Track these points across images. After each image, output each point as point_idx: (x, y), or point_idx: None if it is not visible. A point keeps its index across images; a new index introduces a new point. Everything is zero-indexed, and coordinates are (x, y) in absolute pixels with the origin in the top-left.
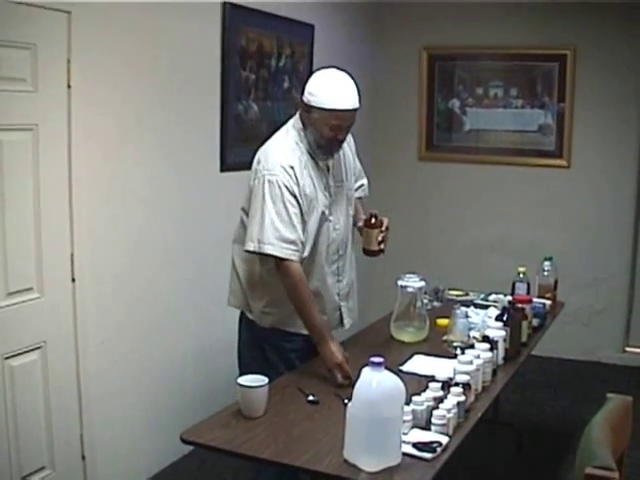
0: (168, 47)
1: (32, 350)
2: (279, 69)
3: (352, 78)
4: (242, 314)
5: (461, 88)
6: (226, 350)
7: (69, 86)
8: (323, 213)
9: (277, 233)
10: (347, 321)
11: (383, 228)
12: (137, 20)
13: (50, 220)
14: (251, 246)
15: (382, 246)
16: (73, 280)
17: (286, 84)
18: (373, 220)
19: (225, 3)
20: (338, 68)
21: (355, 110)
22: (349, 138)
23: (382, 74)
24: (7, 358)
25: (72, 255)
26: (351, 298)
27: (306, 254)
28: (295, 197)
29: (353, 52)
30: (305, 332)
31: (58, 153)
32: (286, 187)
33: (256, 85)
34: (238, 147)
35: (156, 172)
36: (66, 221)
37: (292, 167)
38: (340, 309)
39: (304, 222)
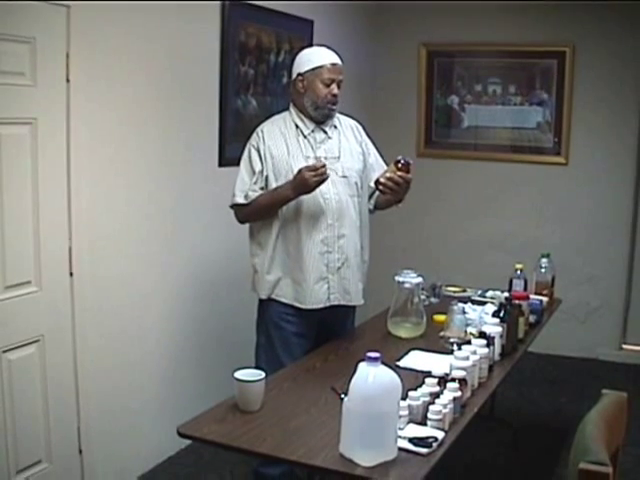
0: (167, 42)
1: (30, 343)
2: (278, 64)
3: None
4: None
5: (460, 85)
6: (223, 344)
7: (68, 80)
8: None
9: (241, 185)
10: (334, 297)
11: (399, 173)
12: (136, 15)
13: (48, 214)
14: (230, 202)
15: (386, 183)
16: (71, 274)
17: (285, 79)
18: (400, 163)
19: None
20: None
21: (340, 67)
22: (357, 127)
23: (381, 70)
24: (5, 351)
25: (70, 249)
26: (345, 278)
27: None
28: (259, 154)
29: (352, 48)
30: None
31: (57, 147)
32: (253, 146)
33: (255, 80)
34: (237, 142)
35: (155, 167)
36: (64, 215)
37: (262, 131)
38: (328, 282)
39: (266, 178)
